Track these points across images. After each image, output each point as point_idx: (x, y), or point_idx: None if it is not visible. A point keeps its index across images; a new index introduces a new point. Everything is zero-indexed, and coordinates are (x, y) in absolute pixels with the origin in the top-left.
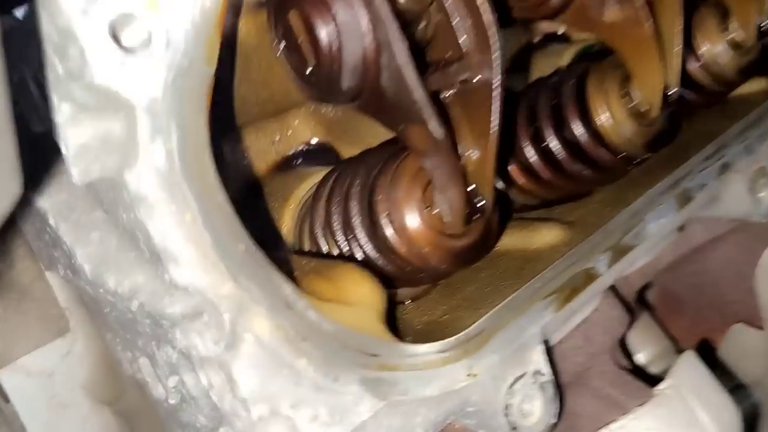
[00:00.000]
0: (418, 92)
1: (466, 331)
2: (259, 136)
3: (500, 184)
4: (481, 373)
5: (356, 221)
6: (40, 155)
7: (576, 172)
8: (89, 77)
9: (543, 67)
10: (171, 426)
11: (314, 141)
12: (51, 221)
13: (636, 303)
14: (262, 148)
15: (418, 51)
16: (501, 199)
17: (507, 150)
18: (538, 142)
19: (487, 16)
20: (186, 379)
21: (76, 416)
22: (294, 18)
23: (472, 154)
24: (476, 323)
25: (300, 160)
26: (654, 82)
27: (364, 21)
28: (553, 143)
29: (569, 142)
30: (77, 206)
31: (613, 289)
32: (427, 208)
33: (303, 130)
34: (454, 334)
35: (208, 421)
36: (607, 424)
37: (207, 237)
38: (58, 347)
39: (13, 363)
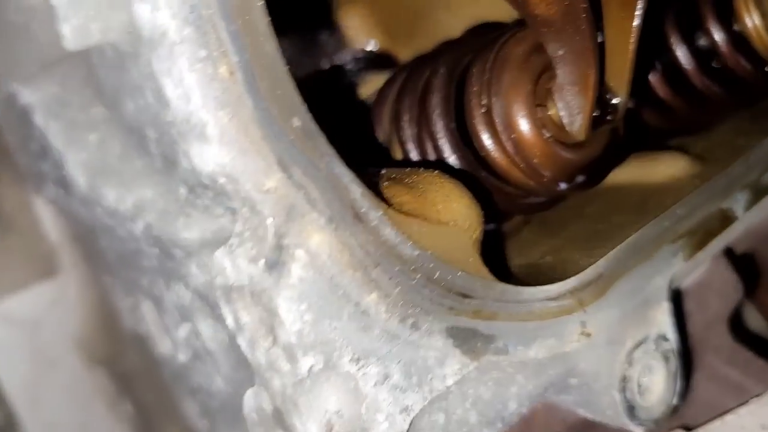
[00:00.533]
0: None
1: (581, 274)
2: None
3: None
4: (596, 332)
5: (438, 122)
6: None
7: (705, 88)
8: None
9: None
10: (177, 391)
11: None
12: (39, 120)
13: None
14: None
15: None
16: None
17: None
18: (659, 53)
19: None
20: (201, 328)
21: (64, 375)
22: None
23: (609, 33)
24: (593, 265)
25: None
26: None
27: None
28: (680, 54)
29: (700, 51)
30: (71, 101)
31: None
32: (539, 105)
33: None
34: (565, 277)
35: (228, 383)
36: (724, 412)
37: (249, 103)
38: (46, 291)
39: None
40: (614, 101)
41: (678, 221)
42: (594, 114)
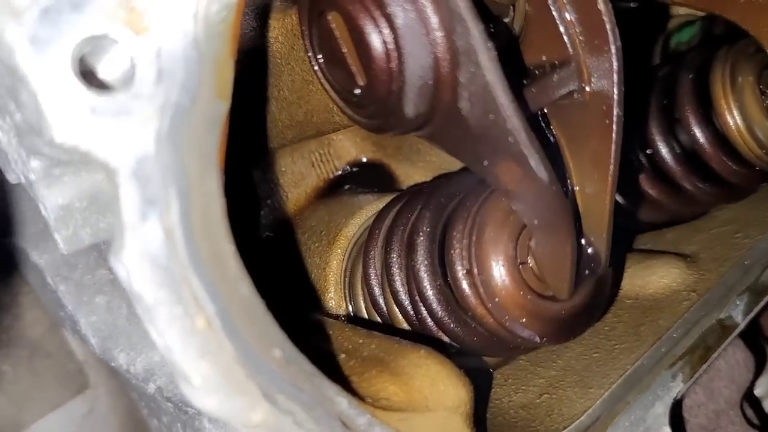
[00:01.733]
0: (515, 118)
1: (578, 422)
2: (296, 158)
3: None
4: None
5: (425, 281)
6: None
7: (692, 188)
8: (48, 133)
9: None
10: None
11: (363, 160)
12: (49, 280)
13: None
14: (300, 172)
15: (510, 55)
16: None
17: None
18: (643, 149)
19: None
20: None
21: None
22: (335, 21)
23: (581, 189)
24: (590, 410)
25: (348, 185)
26: None
27: (433, 21)
28: (665, 153)
29: (686, 151)
30: (78, 264)
31: None
32: (520, 264)
33: (347, 147)
34: (561, 425)
35: None
36: None
37: (229, 347)
38: (78, 406)
39: (28, 428)
40: (594, 253)
41: (675, 344)
42: (575, 271)
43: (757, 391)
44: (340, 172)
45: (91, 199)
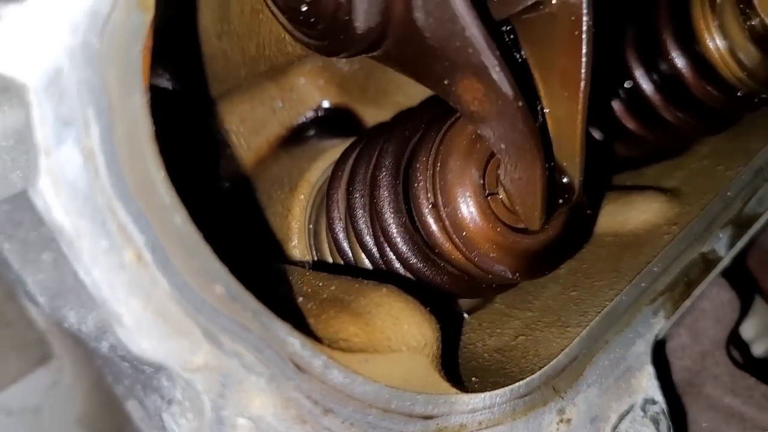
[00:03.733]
0: (473, 27)
1: (554, 361)
2: (255, 105)
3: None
4: (576, 416)
5: (388, 217)
6: None
7: (674, 119)
8: None
9: None
10: None
11: (326, 104)
12: None
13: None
14: (261, 119)
15: None
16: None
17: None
18: (621, 80)
19: None
20: None
21: None
22: None
23: (552, 112)
24: (566, 349)
25: (312, 132)
26: None
27: None
28: (643, 83)
29: (666, 80)
30: (23, 219)
31: None
32: (489, 195)
33: (310, 91)
34: (537, 365)
35: None
36: None
37: (163, 283)
38: (41, 377)
39: None
40: (567, 182)
41: (655, 279)
42: (547, 199)
43: (746, 335)
44: (303, 119)
45: (19, 136)
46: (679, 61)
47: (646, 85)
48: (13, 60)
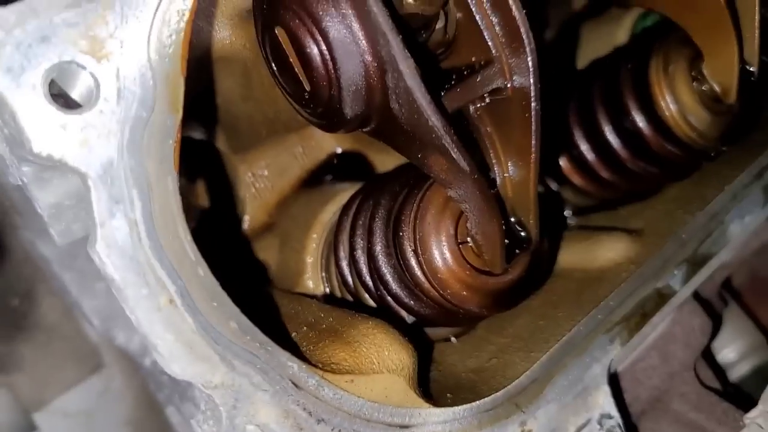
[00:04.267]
0: (434, 117)
1: (516, 382)
2: (279, 151)
3: (553, 185)
4: (536, 428)
5: (381, 261)
6: None
7: (639, 170)
8: (28, 145)
9: (597, 40)
10: None
11: (340, 150)
12: (55, 269)
13: (719, 294)
14: (283, 164)
15: (435, 59)
16: (554, 203)
17: (558, 144)
18: (593, 136)
19: (517, 9)
20: None
21: None
22: (281, 35)
23: (510, 176)
24: (528, 371)
25: (329, 176)
26: (729, 60)
27: (359, 35)
28: (611, 138)
29: (630, 136)
30: (80, 254)
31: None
32: (461, 243)
33: (327, 139)
34: (504, 384)
35: None
36: None
37: (189, 321)
38: (94, 384)
39: (49, 404)
40: (525, 234)
41: (611, 311)
42: (506, 247)
43: (728, 357)
44: (321, 164)
45: (79, 197)
46: (639, 121)
47: (613, 140)
48: (77, 155)
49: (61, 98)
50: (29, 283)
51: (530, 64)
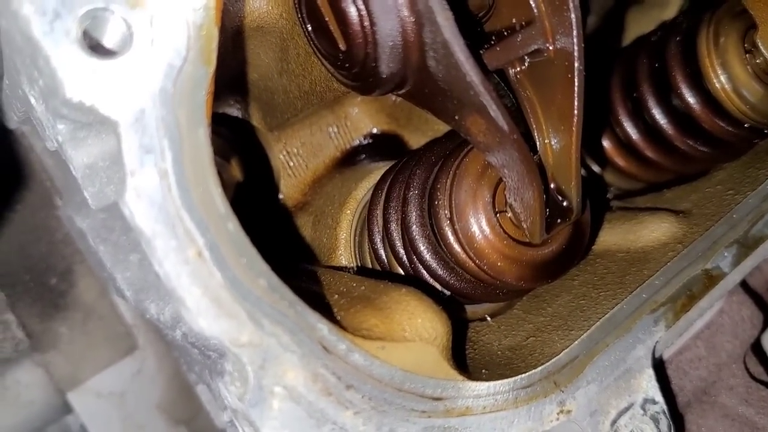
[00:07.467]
0: (472, 73)
1: (554, 359)
2: (314, 131)
3: (595, 168)
4: (575, 409)
5: (415, 231)
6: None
7: (688, 149)
8: (61, 91)
9: (643, 21)
10: None
11: (376, 131)
12: (91, 242)
13: None
14: (319, 143)
15: (474, 20)
16: (596, 186)
17: (601, 124)
18: (638, 115)
19: None
20: None
21: None
22: None
23: (551, 143)
24: (567, 349)
25: (363, 155)
26: None
27: None
28: (658, 116)
29: (678, 114)
30: (115, 226)
31: (742, 281)
32: (498, 212)
33: (362, 119)
34: (542, 361)
35: None
36: None
37: (217, 275)
38: (128, 366)
39: (83, 384)
40: (567, 204)
41: (657, 291)
42: (547, 217)
43: None
44: (356, 143)
45: (113, 158)
46: (689, 98)
47: (661, 119)
48: (109, 102)
49: (95, 47)
50: (68, 262)
51: (573, 20)
